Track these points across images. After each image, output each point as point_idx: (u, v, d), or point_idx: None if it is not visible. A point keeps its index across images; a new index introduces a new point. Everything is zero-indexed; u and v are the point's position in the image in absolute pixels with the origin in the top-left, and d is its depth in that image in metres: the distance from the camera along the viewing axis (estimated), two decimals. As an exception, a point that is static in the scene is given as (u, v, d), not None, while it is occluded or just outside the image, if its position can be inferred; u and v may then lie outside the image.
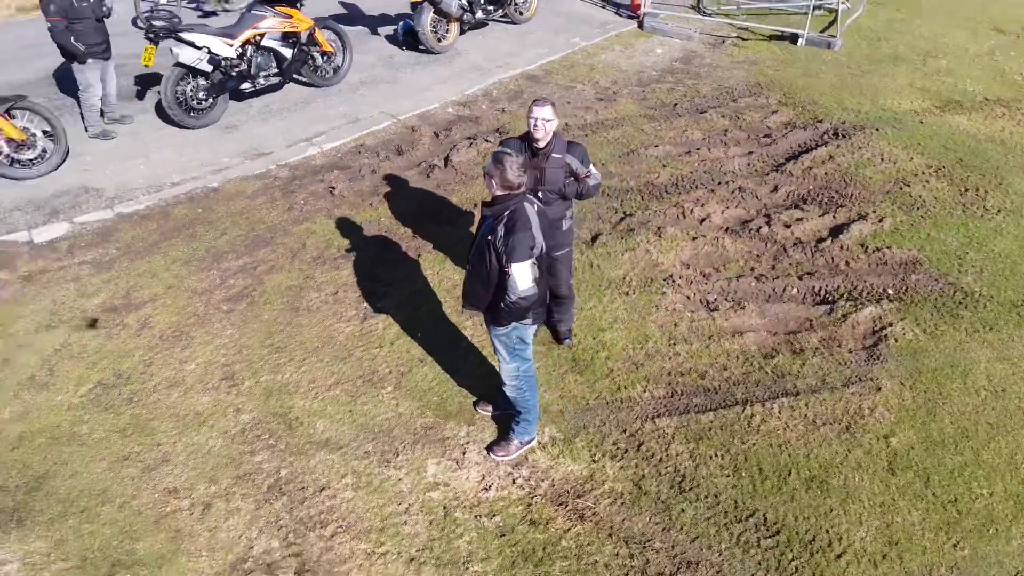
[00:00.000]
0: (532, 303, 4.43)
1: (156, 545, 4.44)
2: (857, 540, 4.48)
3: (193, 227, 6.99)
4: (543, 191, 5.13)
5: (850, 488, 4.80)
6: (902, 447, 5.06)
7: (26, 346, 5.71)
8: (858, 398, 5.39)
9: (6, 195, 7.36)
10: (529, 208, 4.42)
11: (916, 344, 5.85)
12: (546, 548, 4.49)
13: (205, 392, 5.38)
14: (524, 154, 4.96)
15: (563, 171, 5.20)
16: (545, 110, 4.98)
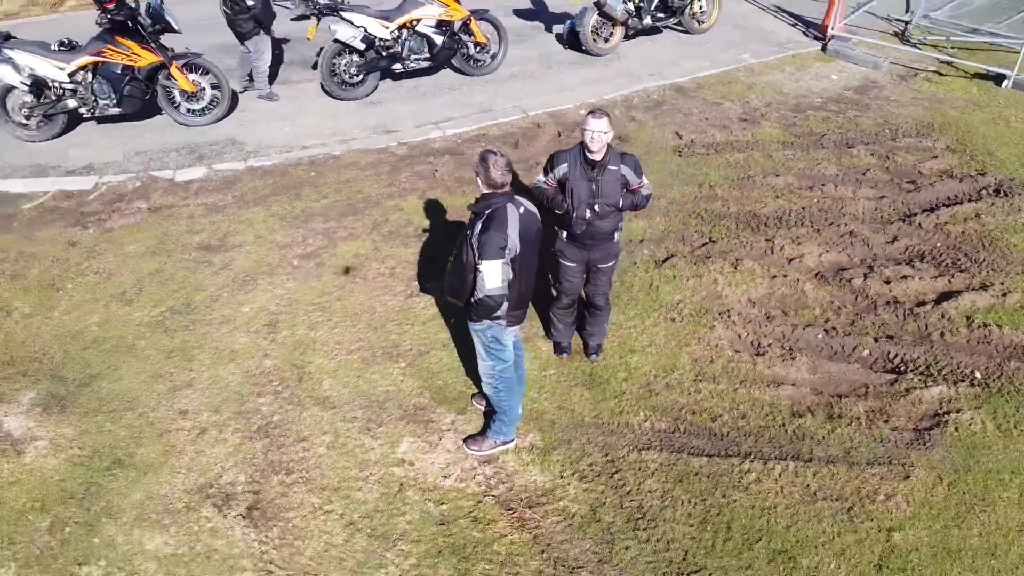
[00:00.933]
0: (500, 303, 4.43)
1: (152, 454, 5.03)
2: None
3: (301, 188, 7.66)
4: (600, 204, 5.07)
5: (819, 573, 4.32)
6: (904, 545, 4.44)
7: (130, 266, 6.64)
8: (877, 480, 4.80)
9: (172, 138, 8.51)
10: (512, 209, 4.42)
11: (980, 439, 5.06)
12: (476, 547, 4.51)
13: (246, 334, 5.94)
14: (579, 166, 4.98)
15: (619, 183, 5.13)
16: (602, 122, 4.91)
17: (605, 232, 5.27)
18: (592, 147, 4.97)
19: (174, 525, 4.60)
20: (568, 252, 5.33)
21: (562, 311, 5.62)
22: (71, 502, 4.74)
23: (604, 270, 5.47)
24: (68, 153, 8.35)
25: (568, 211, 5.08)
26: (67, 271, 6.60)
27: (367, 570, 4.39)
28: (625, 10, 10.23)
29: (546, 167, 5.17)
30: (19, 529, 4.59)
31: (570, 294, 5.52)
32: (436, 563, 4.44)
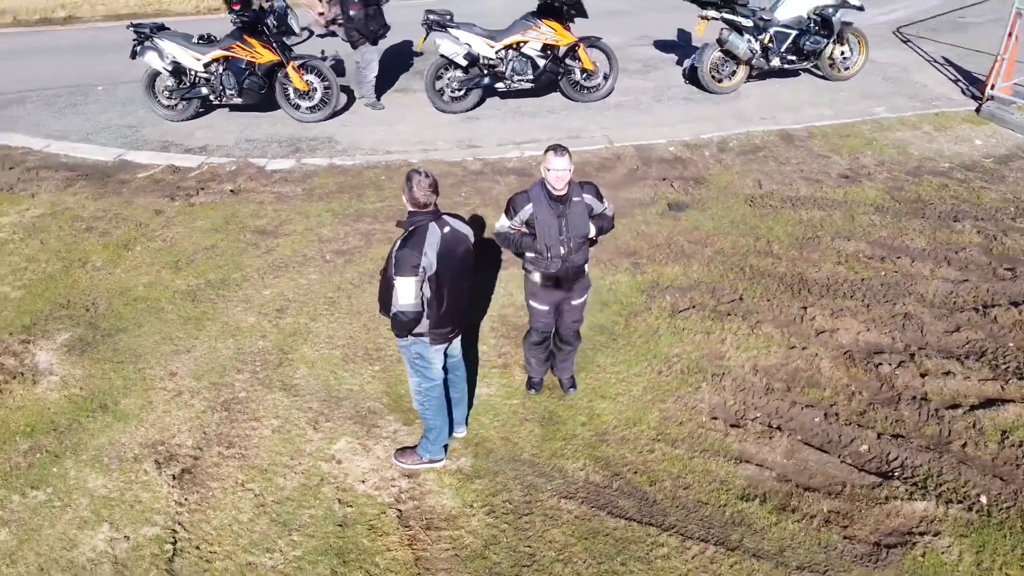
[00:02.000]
0: (412, 319, 4.47)
1: (132, 406, 5.58)
2: None
3: (366, 189, 8.09)
4: (571, 238, 4.99)
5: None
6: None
7: (192, 238, 7.37)
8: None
9: (282, 131, 9.32)
10: (434, 228, 4.46)
11: (948, 572, 4.34)
12: (361, 555, 4.57)
13: (256, 315, 6.40)
14: (544, 203, 4.89)
15: (585, 213, 5.03)
16: (563, 160, 4.81)
17: (579, 265, 5.16)
18: (557, 185, 4.87)
19: (118, 471, 5.08)
20: (540, 295, 5.20)
21: (534, 347, 5.51)
22: (52, 433, 5.38)
23: (577, 305, 5.34)
24: (194, 134, 9.41)
25: (540, 251, 4.97)
26: (142, 235, 7.46)
27: (256, 551, 4.60)
28: (749, 49, 9.75)
29: (507, 211, 5.04)
30: (4, 447, 5.29)
31: (543, 332, 5.41)
32: (318, 561, 4.55)
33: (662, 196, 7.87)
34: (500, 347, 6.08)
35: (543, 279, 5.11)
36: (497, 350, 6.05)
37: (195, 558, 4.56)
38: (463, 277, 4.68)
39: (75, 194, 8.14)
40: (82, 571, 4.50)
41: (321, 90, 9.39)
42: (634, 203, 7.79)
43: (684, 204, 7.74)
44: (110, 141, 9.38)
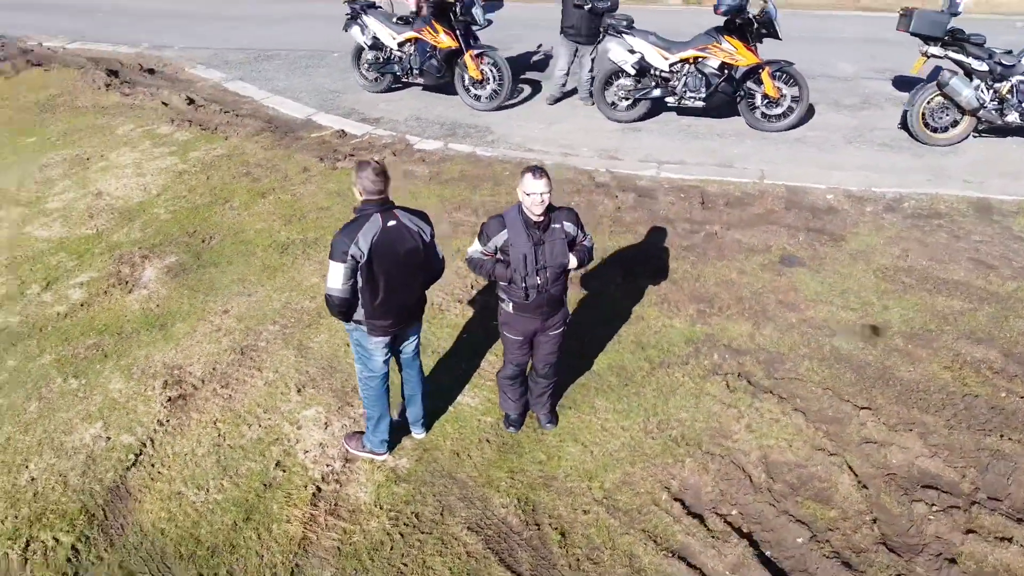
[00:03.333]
0: (338, 305, 4.52)
1: (180, 331, 6.29)
2: None
3: (484, 182, 8.14)
4: (548, 268, 4.71)
5: None
6: None
7: (316, 199, 8.01)
8: None
9: (450, 114, 9.71)
10: (376, 219, 4.45)
11: None
12: (263, 518, 4.74)
13: (319, 276, 6.81)
14: (521, 230, 4.57)
15: (564, 242, 4.72)
16: (541, 183, 4.49)
17: (557, 296, 4.84)
18: (534, 210, 4.54)
19: (135, 382, 5.79)
20: (514, 324, 4.87)
21: (509, 381, 5.14)
22: (115, 337, 6.27)
23: (553, 336, 4.99)
24: (378, 105, 10.17)
25: (515, 281, 4.66)
26: (281, 187, 8.27)
27: (189, 485, 4.98)
28: (977, 98, 8.10)
29: (480, 236, 4.71)
30: (76, 343, 6.26)
31: (518, 364, 5.08)
32: (229, 510, 4.81)
33: (781, 246, 6.93)
34: (499, 364, 5.85)
35: (516, 309, 4.79)
36: (496, 365, 5.83)
37: (144, 474, 5.07)
38: (406, 273, 4.59)
39: (257, 142, 9.24)
40: (63, 454, 5.23)
41: (494, 81, 9.60)
42: (743, 246, 6.96)
43: (798, 259, 6.75)
44: (311, 101, 10.46)
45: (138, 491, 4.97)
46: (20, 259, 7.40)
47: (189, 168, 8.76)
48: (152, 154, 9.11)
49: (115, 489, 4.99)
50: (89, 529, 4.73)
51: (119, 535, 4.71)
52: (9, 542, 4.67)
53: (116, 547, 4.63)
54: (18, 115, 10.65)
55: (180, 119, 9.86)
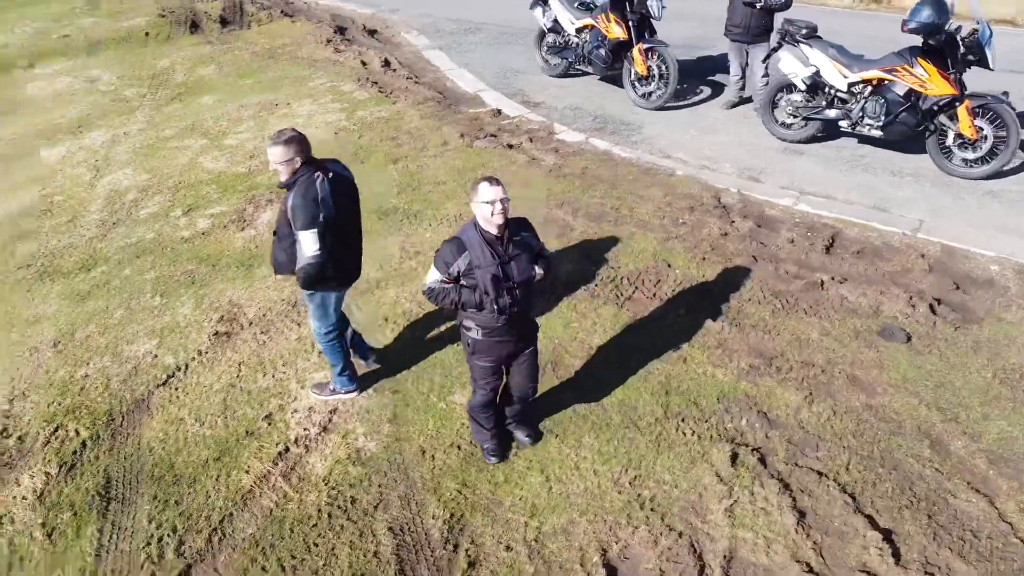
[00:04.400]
0: (320, 269, 4.67)
1: (261, 273, 6.79)
2: None
3: (600, 184, 7.73)
4: (517, 285, 4.41)
5: None
6: None
7: (439, 173, 8.16)
8: None
9: (608, 107, 9.37)
10: (319, 180, 4.62)
11: None
12: (230, 463, 5.01)
13: (402, 250, 6.95)
14: (483, 249, 4.26)
15: (528, 254, 4.42)
16: (500, 189, 4.23)
17: (526, 312, 4.59)
18: (496, 221, 4.24)
19: (199, 311, 6.37)
20: (486, 351, 4.52)
21: (482, 409, 4.82)
22: (209, 268, 6.93)
23: (529, 356, 4.72)
24: (547, 89, 10.10)
25: (483, 304, 4.33)
26: (415, 156, 8.53)
27: (190, 416, 5.38)
28: None
29: (437, 264, 4.36)
30: (178, 264, 7.02)
31: (493, 389, 4.77)
32: (211, 447, 5.14)
33: (892, 314, 5.82)
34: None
35: (487, 335, 4.45)
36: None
37: (166, 395, 5.61)
38: (355, 220, 4.94)
39: (418, 110, 9.59)
40: (117, 360, 5.94)
41: (660, 78, 9.02)
42: (845, 305, 5.94)
43: (901, 334, 5.62)
44: (488, 78, 10.61)
45: (154, 409, 5.50)
46: (182, 184, 8.42)
47: (349, 126, 9.33)
48: (326, 108, 9.84)
49: (140, 402, 5.57)
50: (104, 430, 5.34)
51: (121, 443, 5.26)
52: (44, 423, 5.42)
53: (112, 452, 5.18)
54: (251, 59, 12.04)
55: (366, 80, 10.52)
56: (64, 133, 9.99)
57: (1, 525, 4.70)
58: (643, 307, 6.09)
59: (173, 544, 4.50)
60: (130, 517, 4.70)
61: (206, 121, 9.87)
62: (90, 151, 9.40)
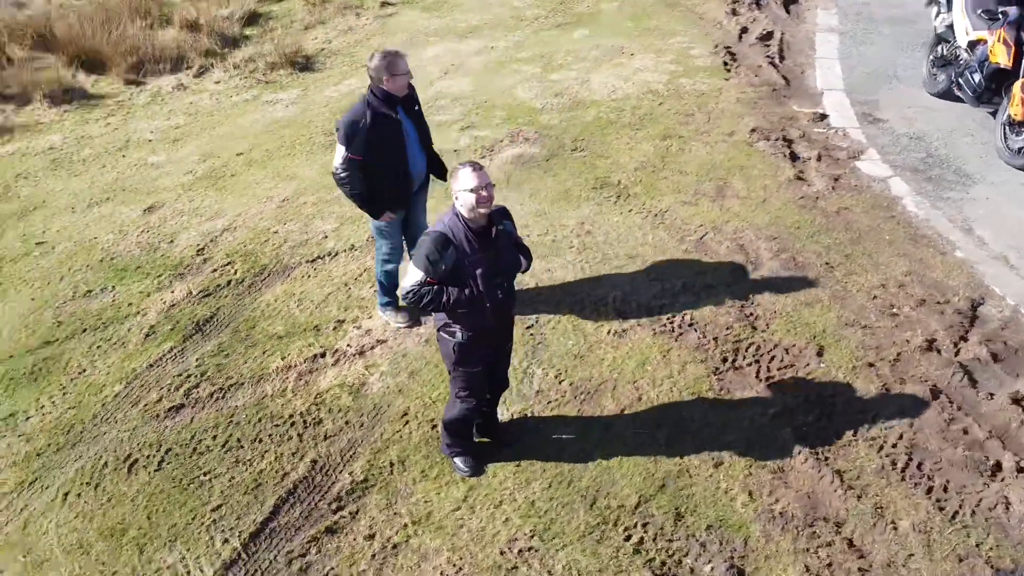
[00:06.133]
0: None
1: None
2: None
3: (844, 235, 6.15)
4: (506, 278, 4.15)
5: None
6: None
7: (677, 158, 7.35)
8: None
9: (972, 152, 7.20)
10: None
11: None
12: (278, 346, 5.62)
13: (586, 215, 6.61)
14: (468, 243, 3.94)
15: (511, 242, 4.20)
16: (485, 174, 3.95)
17: (511, 305, 4.31)
18: (482, 210, 3.92)
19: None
20: (474, 354, 4.22)
21: (463, 423, 4.47)
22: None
23: (509, 349, 4.53)
24: (906, 109, 8.16)
25: (474, 301, 4.00)
26: (690, 137, 7.79)
27: (310, 295, 6.11)
28: None
29: (419, 264, 3.97)
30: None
31: (480, 400, 4.46)
32: (289, 321, 5.83)
33: None
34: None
35: (476, 337, 4.12)
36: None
37: (303, 272, 6.42)
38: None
39: (745, 92, 8.56)
40: (304, 229, 6.89)
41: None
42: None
43: None
44: (852, 76, 8.84)
45: (290, 278, 6.33)
46: (485, 105, 8.98)
47: (660, 90, 8.81)
48: (658, 67, 9.38)
49: (287, 268, 6.45)
50: (249, 278, 6.34)
51: (246, 293, 6.20)
52: (225, 255, 6.64)
53: (236, 297, 6.16)
54: (654, 3, 11.86)
55: (722, 48, 9.69)
56: (453, 35, 11.27)
57: (137, 316, 6.03)
58: (738, 384, 4.94)
59: (191, 384, 5.32)
60: (191, 352, 5.63)
61: (557, 53, 10.19)
62: (453, 55, 10.50)
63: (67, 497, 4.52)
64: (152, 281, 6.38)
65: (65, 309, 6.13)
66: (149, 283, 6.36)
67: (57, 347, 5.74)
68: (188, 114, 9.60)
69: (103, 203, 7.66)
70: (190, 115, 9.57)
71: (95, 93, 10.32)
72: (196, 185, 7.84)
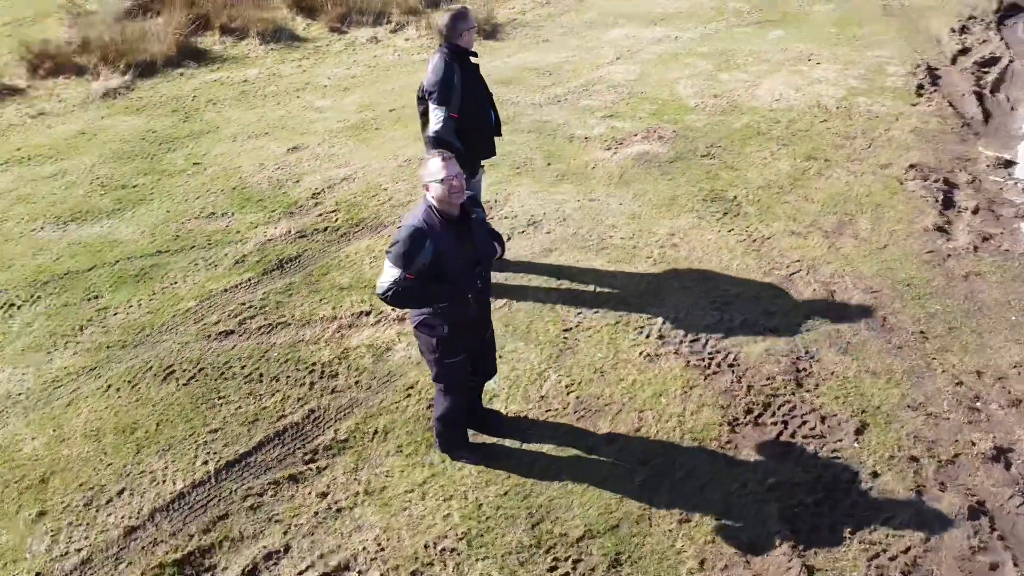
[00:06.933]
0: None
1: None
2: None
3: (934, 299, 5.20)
4: (483, 267, 4.07)
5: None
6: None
7: (802, 190, 6.61)
8: None
9: None
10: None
11: None
12: (357, 286, 5.90)
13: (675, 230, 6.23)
14: (445, 234, 3.84)
15: (485, 230, 4.13)
16: (454, 163, 3.85)
17: (489, 292, 4.25)
18: (455, 200, 3.83)
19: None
20: (457, 347, 4.11)
21: (458, 413, 4.41)
22: (564, 164, 7.38)
23: (491, 336, 4.43)
24: None
25: (455, 294, 3.93)
26: (830, 165, 6.96)
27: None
28: None
29: (396, 260, 3.81)
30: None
31: (465, 389, 4.40)
32: (357, 279, 6.10)
33: None
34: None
35: (456, 328, 4.03)
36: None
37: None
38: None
39: (929, 122, 7.51)
40: (412, 192, 7.14)
41: None
42: None
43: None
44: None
45: (377, 235, 6.60)
46: (631, 95, 8.66)
47: (830, 107, 7.98)
48: (839, 80, 8.51)
49: (375, 226, 6.73)
50: (343, 231, 6.71)
51: (331, 246, 6.55)
52: (335, 204, 7.06)
53: (320, 247, 6.54)
54: (879, 11, 10.66)
55: (924, 68, 8.50)
56: (642, 21, 10.90)
57: (238, 243, 6.59)
58: (750, 441, 4.43)
59: (248, 315, 5.74)
60: (264, 286, 6.06)
61: (739, 53, 9.53)
62: (632, 41, 10.17)
63: (108, 389, 5.12)
64: (265, 215, 6.94)
65: (187, 225, 6.86)
66: (262, 216, 6.92)
67: (166, 257, 6.46)
68: (368, 66, 10.21)
69: (260, 137, 8.42)
70: (369, 67, 10.18)
71: (302, 36, 11.29)
72: (342, 133, 8.36)
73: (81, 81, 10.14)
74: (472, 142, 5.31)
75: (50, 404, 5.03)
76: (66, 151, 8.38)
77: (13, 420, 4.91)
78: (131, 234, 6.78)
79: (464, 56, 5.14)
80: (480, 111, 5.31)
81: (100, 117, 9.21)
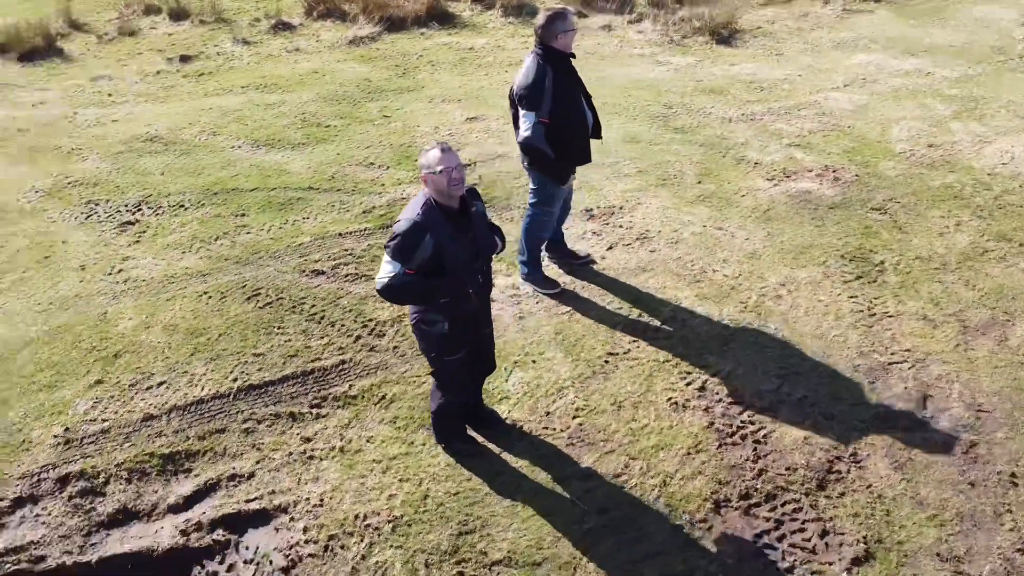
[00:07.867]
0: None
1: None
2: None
3: None
4: (484, 262, 4.04)
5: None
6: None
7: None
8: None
9: None
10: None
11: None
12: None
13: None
14: (445, 228, 3.78)
15: (485, 223, 4.11)
16: (454, 154, 3.79)
17: (490, 287, 4.26)
18: (455, 192, 3.80)
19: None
20: (458, 342, 4.08)
21: (458, 407, 4.41)
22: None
23: (490, 332, 4.40)
24: None
25: (456, 289, 3.88)
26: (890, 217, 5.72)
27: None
28: None
29: (395, 254, 3.76)
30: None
31: (465, 386, 4.38)
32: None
33: None
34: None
35: (457, 324, 3.99)
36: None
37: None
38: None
39: None
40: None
41: None
42: None
43: None
44: None
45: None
46: (832, 126, 7.76)
47: (906, 146, 6.49)
48: (928, 113, 6.85)
49: (505, 207, 6.82)
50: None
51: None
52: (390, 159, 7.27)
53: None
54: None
55: None
56: (898, 49, 9.61)
57: (374, 195, 7.03)
58: (727, 529, 3.90)
59: (344, 261, 6.14)
60: (371, 239, 6.44)
61: (996, 101, 8.05)
62: (873, 69, 9.03)
63: (203, 296, 5.81)
64: (413, 174, 7.31)
65: (345, 170, 7.47)
66: (410, 175, 7.30)
67: (314, 194, 7.10)
68: (588, 52, 10.17)
69: (451, 102, 8.84)
70: (589, 53, 10.14)
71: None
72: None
73: (341, 26, 11.32)
74: (564, 147, 5.15)
75: (158, 296, 5.83)
76: (294, 85, 9.47)
77: (126, 300, 5.78)
78: (299, 167, 7.53)
79: (559, 59, 4.96)
80: (574, 115, 5.10)
81: (336, 60, 10.24)
